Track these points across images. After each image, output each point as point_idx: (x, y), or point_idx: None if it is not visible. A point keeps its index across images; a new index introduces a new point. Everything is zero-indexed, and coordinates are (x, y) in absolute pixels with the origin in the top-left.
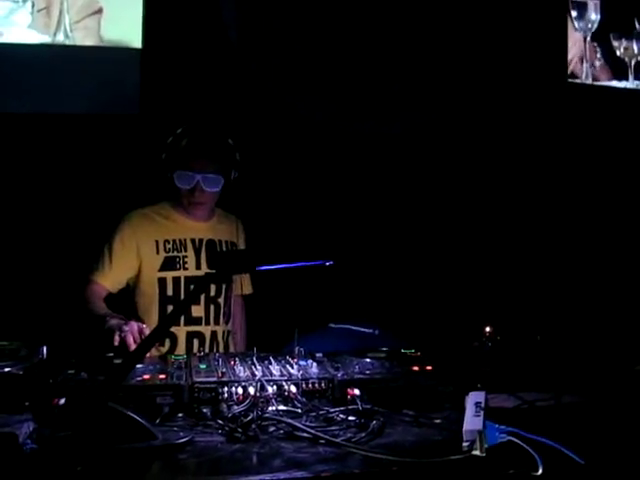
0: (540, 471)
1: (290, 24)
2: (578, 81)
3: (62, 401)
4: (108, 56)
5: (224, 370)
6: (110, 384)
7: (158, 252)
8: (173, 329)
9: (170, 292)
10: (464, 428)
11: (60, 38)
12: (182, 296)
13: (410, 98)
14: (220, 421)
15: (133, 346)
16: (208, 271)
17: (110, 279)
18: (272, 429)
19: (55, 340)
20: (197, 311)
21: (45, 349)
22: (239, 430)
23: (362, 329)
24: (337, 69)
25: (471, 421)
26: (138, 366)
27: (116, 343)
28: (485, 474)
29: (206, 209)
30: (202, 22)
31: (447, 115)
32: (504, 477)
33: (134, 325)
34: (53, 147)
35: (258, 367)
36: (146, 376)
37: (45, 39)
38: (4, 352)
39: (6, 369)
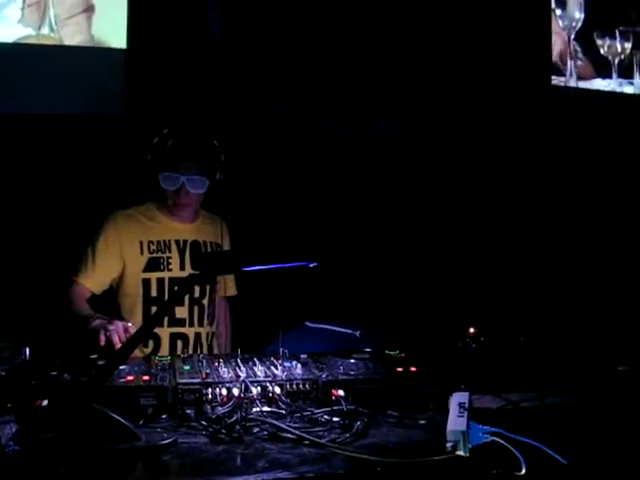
0: (523, 471)
1: (275, 25)
2: (562, 80)
3: (45, 402)
4: (92, 57)
5: (208, 371)
6: (93, 385)
7: (142, 253)
8: (157, 330)
9: (154, 293)
10: (448, 428)
11: (45, 32)
12: (166, 297)
13: (393, 99)
14: (204, 422)
15: (119, 345)
16: (192, 272)
17: (93, 280)
18: (256, 430)
19: (38, 341)
20: (181, 312)
21: (28, 350)
22: (223, 431)
23: (341, 329)
24: (322, 70)
25: (455, 421)
26: (121, 367)
27: (102, 343)
28: (468, 474)
29: (191, 210)
30: (187, 23)
31: (431, 115)
32: (487, 477)
33: (119, 324)
34: (36, 148)
35: (242, 368)
36: (130, 377)
37: (30, 32)
38: None
39: None
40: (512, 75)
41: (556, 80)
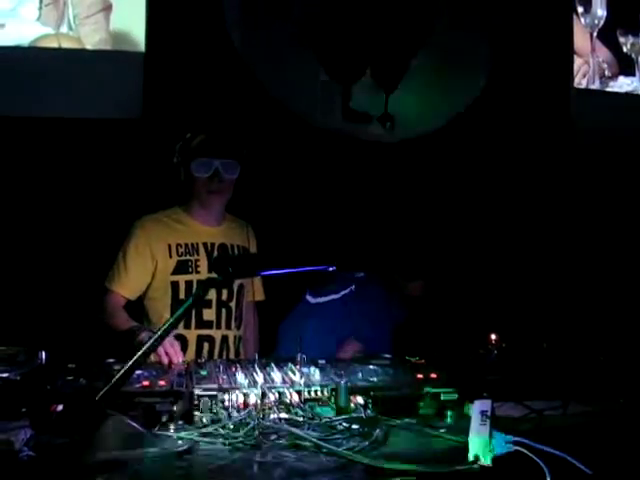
0: None
1: (293, 26)
2: (583, 84)
3: (60, 407)
4: (110, 59)
5: (225, 377)
6: (109, 390)
7: (171, 256)
8: (183, 332)
9: (182, 296)
10: (470, 437)
11: (64, 30)
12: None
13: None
14: (221, 429)
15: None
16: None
17: (127, 287)
18: (273, 437)
19: (54, 345)
20: (208, 315)
21: (44, 354)
22: (240, 438)
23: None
24: (347, 75)
25: (477, 430)
26: (138, 372)
27: (165, 361)
28: None
29: (223, 201)
30: (205, 25)
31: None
32: None
33: (174, 342)
34: (53, 151)
35: (259, 374)
36: (146, 382)
37: (48, 31)
38: (2, 357)
39: (4, 374)
40: (533, 76)
41: (578, 79)
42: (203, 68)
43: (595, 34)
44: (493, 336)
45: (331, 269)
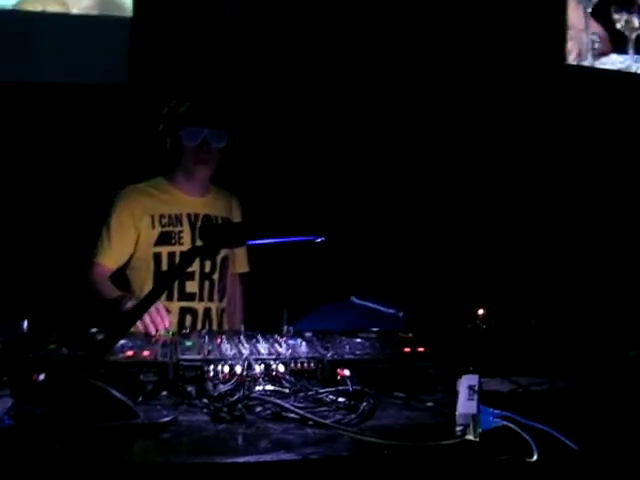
0: (535, 457)
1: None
2: (575, 61)
3: (42, 377)
4: (97, 24)
5: (210, 348)
6: (92, 360)
7: (154, 227)
8: (166, 304)
9: (165, 267)
10: (458, 412)
11: None
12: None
13: (403, 77)
14: (205, 400)
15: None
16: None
17: (112, 257)
18: (259, 409)
19: (36, 314)
20: (191, 287)
21: (26, 323)
22: (225, 410)
23: (384, 309)
24: (333, 47)
25: (465, 405)
26: (122, 342)
27: (152, 331)
28: (478, 459)
29: (209, 171)
30: None
31: (442, 93)
32: (498, 463)
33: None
34: (36, 117)
35: (245, 345)
36: (130, 352)
37: None
38: None
39: None
40: (525, 52)
41: (571, 56)
42: (191, 34)
43: (589, 10)
44: (481, 311)
45: (319, 240)
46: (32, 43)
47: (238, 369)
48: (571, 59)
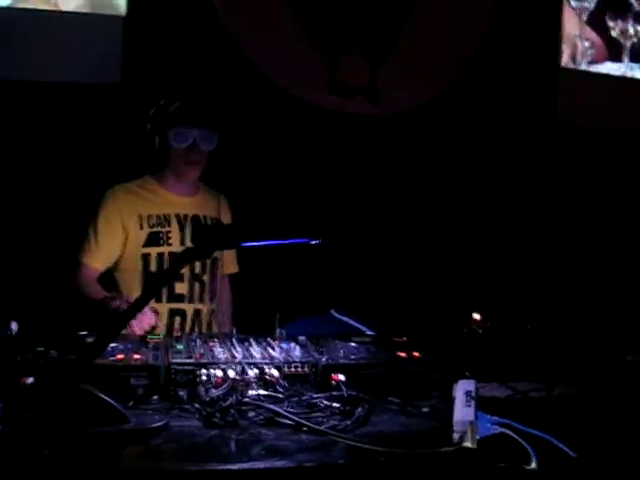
0: (533, 465)
1: None
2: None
3: (30, 380)
4: (89, 22)
5: (202, 351)
6: (81, 363)
7: (142, 227)
8: (156, 305)
9: (154, 268)
10: (455, 419)
11: None
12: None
13: (396, 77)
14: (197, 405)
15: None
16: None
17: (99, 259)
18: (252, 414)
19: (25, 316)
20: (181, 288)
21: (14, 325)
22: (217, 415)
23: (360, 327)
24: (326, 46)
25: (462, 411)
26: (112, 345)
27: (138, 330)
28: (476, 467)
29: (198, 172)
30: None
31: (437, 94)
32: (496, 470)
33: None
34: (27, 116)
35: (238, 349)
36: (120, 356)
37: None
38: None
39: None
40: (520, 55)
41: (565, 61)
42: (185, 33)
43: (585, 18)
44: (477, 315)
45: (313, 242)
46: (22, 42)
47: (231, 373)
48: (565, 63)
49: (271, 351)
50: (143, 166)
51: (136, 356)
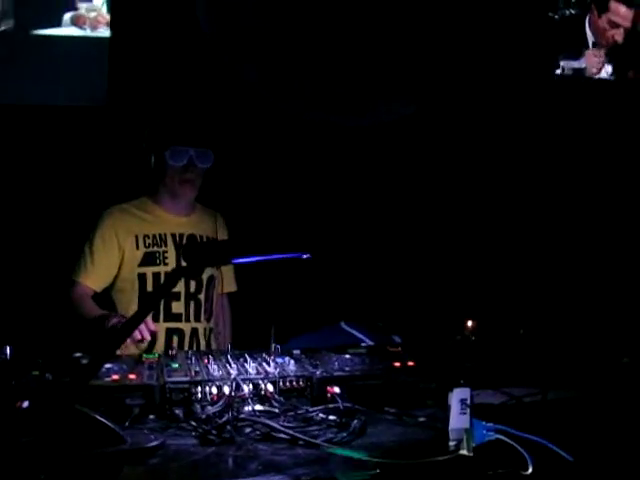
0: (530, 470)
1: (263, 13)
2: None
3: (26, 404)
4: (74, 44)
5: (197, 369)
6: (77, 385)
7: (138, 247)
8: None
9: (150, 288)
10: (450, 427)
11: None
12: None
13: (384, 88)
14: (193, 423)
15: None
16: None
17: (94, 278)
18: (248, 430)
19: (19, 340)
20: (177, 307)
21: (9, 349)
22: (213, 432)
23: (368, 341)
24: (311, 59)
25: (457, 419)
26: (107, 366)
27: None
28: (473, 474)
29: (194, 191)
30: (172, 8)
31: (428, 104)
32: (493, 477)
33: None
34: (15, 139)
35: (233, 365)
36: (115, 376)
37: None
38: None
39: None
40: (516, 59)
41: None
42: (171, 54)
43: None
44: (470, 322)
45: (305, 257)
46: (9, 64)
47: (226, 390)
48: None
49: (266, 366)
50: (137, 186)
51: (131, 376)
